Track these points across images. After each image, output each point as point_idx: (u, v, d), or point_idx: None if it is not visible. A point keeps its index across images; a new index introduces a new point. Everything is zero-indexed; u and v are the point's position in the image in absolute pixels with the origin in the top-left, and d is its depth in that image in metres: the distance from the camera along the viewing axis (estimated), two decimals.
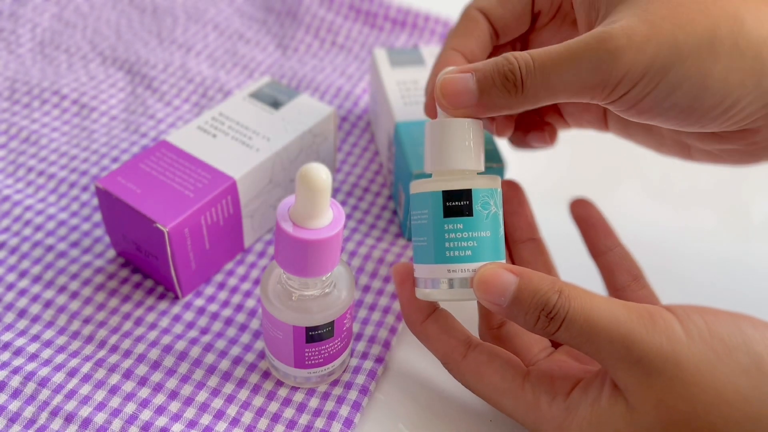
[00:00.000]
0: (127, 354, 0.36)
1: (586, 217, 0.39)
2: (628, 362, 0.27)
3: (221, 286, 0.40)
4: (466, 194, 0.31)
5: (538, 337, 0.35)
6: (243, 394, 0.35)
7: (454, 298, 0.31)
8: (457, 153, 0.31)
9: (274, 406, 0.35)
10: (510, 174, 0.44)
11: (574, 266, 0.39)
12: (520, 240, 0.38)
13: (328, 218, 0.29)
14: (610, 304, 0.28)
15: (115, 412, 0.33)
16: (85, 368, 0.35)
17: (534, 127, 0.39)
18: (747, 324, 0.28)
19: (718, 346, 0.27)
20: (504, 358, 0.32)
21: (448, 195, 0.31)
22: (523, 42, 0.38)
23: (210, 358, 0.36)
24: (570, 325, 0.28)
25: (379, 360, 0.36)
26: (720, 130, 0.31)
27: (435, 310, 0.34)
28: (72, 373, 0.35)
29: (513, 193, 0.39)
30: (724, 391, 0.27)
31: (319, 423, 0.34)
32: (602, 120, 0.39)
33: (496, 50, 0.37)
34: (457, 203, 0.31)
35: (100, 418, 0.33)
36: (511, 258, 0.38)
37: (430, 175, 0.33)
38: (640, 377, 0.27)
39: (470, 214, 0.31)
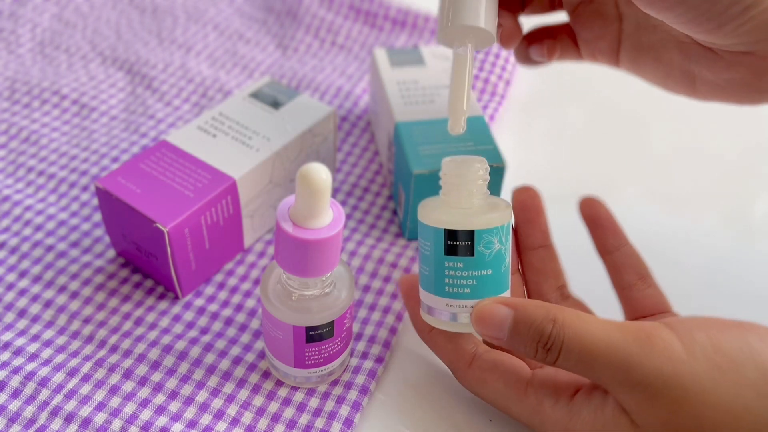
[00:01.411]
0: (127, 354, 0.36)
1: (594, 217, 0.38)
2: (628, 386, 0.27)
3: (221, 286, 0.40)
4: (467, 235, 0.31)
5: None
6: (243, 394, 0.35)
7: (455, 330, 0.32)
8: (469, 9, 0.33)
9: (274, 406, 0.35)
10: (510, 173, 0.44)
11: (572, 266, 0.39)
12: (532, 247, 0.38)
13: (328, 218, 0.29)
14: (606, 327, 0.28)
15: (115, 412, 0.33)
16: (85, 368, 0.35)
17: (537, 41, 0.40)
18: (755, 337, 0.28)
19: (724, 362, 0.27)
20: (507, 365, 0.32)
21: (450, 234, 0.31)
22: None
23: (210, 358, 0.36)
24: (567, 354, 0.28)
25: (379, 360, 0.36)
26: (731, 41, 0.30)
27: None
28: (72, 373, 0.35)
29: (531, 202, 0.39)
30: (732, 407, 0.27)
31: (319, 423, 0.34)
32: (615, 50, 0.39)
33: None
34: (459, 243, 0.31)
35: (100, 418, 0.33)
36: (522, 265, 0.38)
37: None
38: (642, 400, 0.27)
39: (471, 254, 0.31)
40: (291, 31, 0.58)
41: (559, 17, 0.41)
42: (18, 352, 0.36)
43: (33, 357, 0.36)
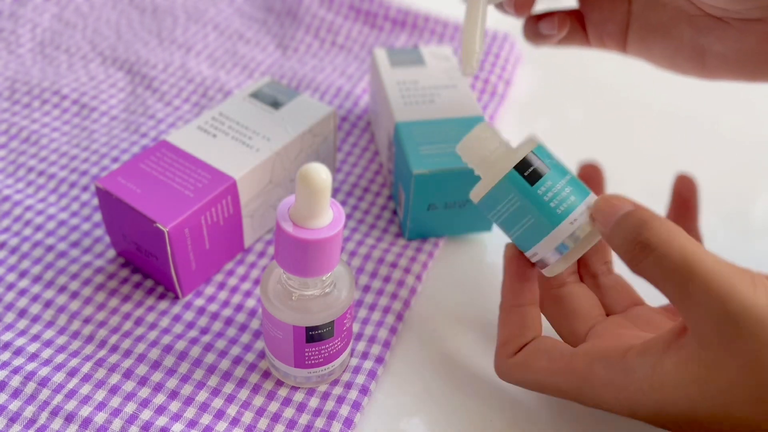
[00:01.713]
0: (127, 354, 0.36)
1: (685, 196, 0.39)
2: (719, 317, 0.26)
3: (221, 286, 0.40)
4: (533, 157, 0.33)
5: (595, 301, 0.36)
6: (243, 394, 0.35)
7: (584, 247, 0.32)
8: None
9: (274, 406, 0.35)
10: None
11: None
12: None
13: (328, 218, 0.29)
14: (715, 257, 0.27)
15: (115, 412, 0.33)
16: (85, 368, 0.35)
17: (548, 16, 0.40)
18: None
19: None
20: (550, 345, 0.32)
21: (521, 167, 0.32)
22: None
23: (210, 358, 0.36)
24: (662, 260, 0.28)
25: (379, 360, 0.37)
26: (745, 5, 0.31)
27: (527, 304, 0.34)
28: (72, 373, 0.35)
29: (594, 173, 0.41)
30: None
31: (319, 423, 0.34)
32: (623, 32, 0.39)
33: None
34: (533, 166, 0.32)
35: (100, 417, 0.33)
36: None
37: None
38: (730, 336, 0.26)
39: (548, 168, 0.32)
40: (291, 31, 0.58)
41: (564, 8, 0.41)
42: (18, 352, 0.36)
43: (33, 357, 0.36)
